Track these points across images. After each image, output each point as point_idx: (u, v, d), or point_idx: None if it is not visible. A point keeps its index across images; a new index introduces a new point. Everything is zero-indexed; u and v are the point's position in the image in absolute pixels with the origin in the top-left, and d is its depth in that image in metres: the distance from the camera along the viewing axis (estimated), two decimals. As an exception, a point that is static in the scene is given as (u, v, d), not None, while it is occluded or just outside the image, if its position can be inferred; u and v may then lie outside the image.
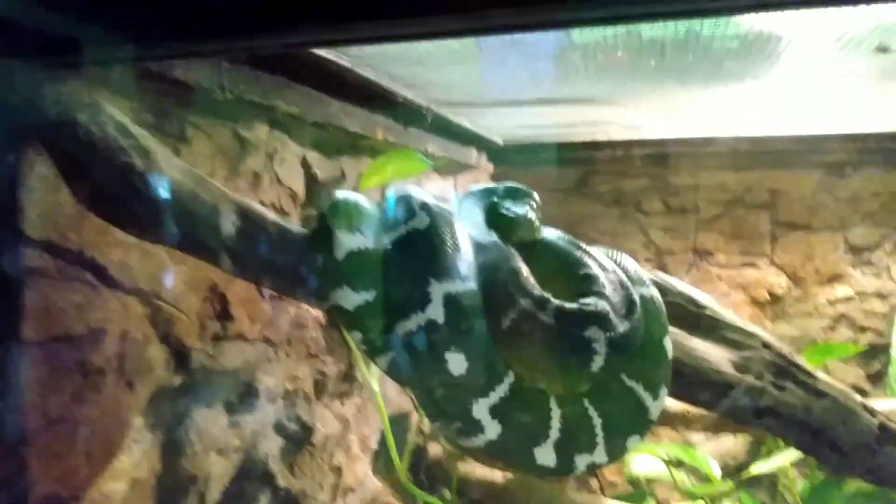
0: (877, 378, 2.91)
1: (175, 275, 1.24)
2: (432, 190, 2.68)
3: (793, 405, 1.16)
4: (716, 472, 2.54)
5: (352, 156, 1.96)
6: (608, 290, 0.94)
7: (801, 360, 1.23)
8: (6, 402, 0.90)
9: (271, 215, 0.97)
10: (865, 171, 2.88)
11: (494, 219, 1.04)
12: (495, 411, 0.87)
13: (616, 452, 0.95)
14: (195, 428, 1.42)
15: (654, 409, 0.98)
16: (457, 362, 0.86)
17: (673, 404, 1.42)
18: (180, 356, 1.30)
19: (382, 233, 0.95)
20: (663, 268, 3.17)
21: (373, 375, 1.86)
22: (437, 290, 0.87)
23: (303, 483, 1.81)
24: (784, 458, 2.27)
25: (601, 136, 2.95)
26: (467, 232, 1.00)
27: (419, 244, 0.90)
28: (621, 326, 0.89)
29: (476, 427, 0.87)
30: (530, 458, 0.90)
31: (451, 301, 0.87)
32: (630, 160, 3.10)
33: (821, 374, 1.23)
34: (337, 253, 0.91)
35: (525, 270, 0.94)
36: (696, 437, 3.08)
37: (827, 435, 1.18)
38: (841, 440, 1.19)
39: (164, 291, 1.23)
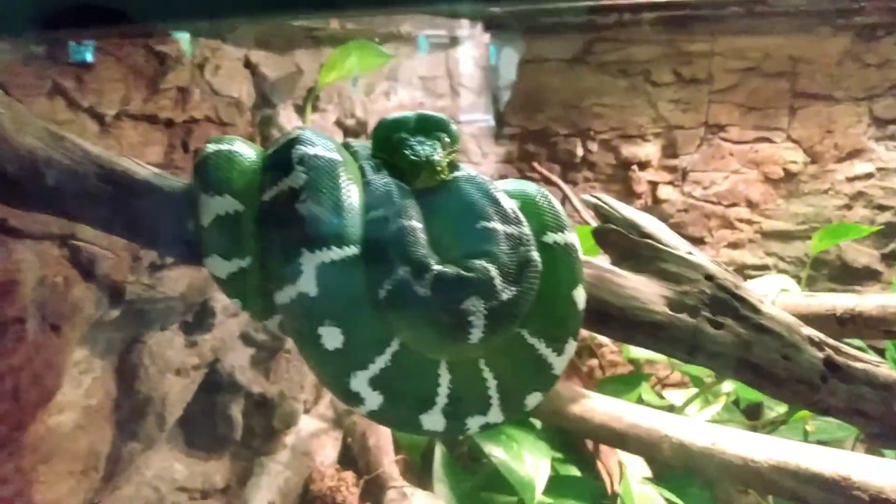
0: (891, 258, 2.79)
1: (91, 213, 1.20)
2: (421, 71, 2.52)
3: (730, 343, 1.10)
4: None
5: (308, 48, 1.82)
6: (502, 250, 0.86)
7: (747, 293, 1.15)
8: None
9: (143, 172, 0.90)
10: (899, 33, 2.59)
11: (396, 162, 0.95)
12: (376, 383, 0.84)
13: (513, 411, 0.92)
14: (148, 352, 1.44)
15: (559, 364, 0.94)
16: (331, 336, 0.82)
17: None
18: (113, 291, 1.29)
19: (260, 190, 0.88)
20: (672, 144, 3.00)
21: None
22: (310, 261, 0.81)
23: (280, 386, 1.86)
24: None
25: None
26: (361, 180, 0.92)
27: (292, 207, 0.83)
28: (506, 294, 0.83)
29: (356, 399, 0.85)
30: (416, 424, 0.87)
31: (324, 272, 0.81)
32: (639, 25, 2.84)
33: (769, 307, 1.15)
34: (203, 218, 0.85)
35: (414, 227, 0.87)
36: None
37: (766, 371, 1.13)
38: (783, 376, 1.13)
39: (82, 231, 1.20)
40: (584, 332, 3.10)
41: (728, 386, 2.52)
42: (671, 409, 2.41)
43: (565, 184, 2.89)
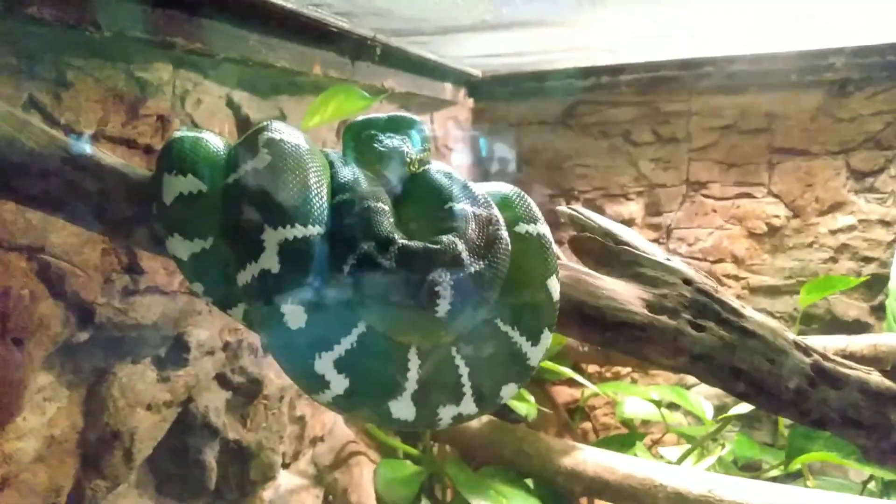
0: (880, 310, 2.77)
1: (63, 228, 1.18)
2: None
3: (713, 346, 1.07)
4: (708, 413, 2.48)
5: (292, 94, 1.86)
6: (471, 227, 0.85)
7: (727, 297, 1.13)
8: None
9: (109, 159, 0.89)
10: (868, 88, 2.67)
11: (366, 153, 0.95)
12: (341, 365, 0.80)
13: (488, 403, 0.88)
14: (118, 384, 1.39)
15: (534, 356, 0.90)
16: (295, 315, 0.79)
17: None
18: (82, 312, 1.26)
19: (226, 174, 0.87)
20: (655, 202, 3.04)
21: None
22: (272, 237, 0.80)
23: (258, 435, 1.79)
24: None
25: (584, 63, 2.79)
26: (331, 169, 0.91)
27: (254, 186, 0.83)
28: (473, 267, 0.81)
29: (321, 383, 0.81)
30: (385, 412, 0.83)
31: (286, 249, 0.80)
32: (618, 88, 2.93)
33: (751, 311, 1.13)
34: (165, 197, 0.83)
35: (381, 210, 0.85)
36: (692, 378, 3.01)
37: (753, 377, 1.09)
38: (769, 382, 1.09)
39: (52, 246, 1.18)
40: (576, 393, 3.03)
41: (724, 446, 2.46)
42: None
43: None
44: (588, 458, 2.05)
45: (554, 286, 0.94)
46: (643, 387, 2.74)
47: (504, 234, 0.87)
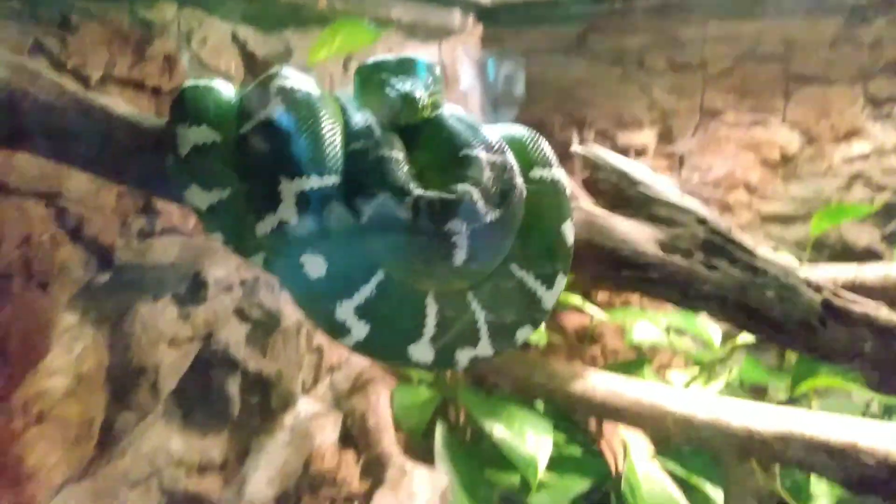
0: (892, 239, 2.77)
1: (78, 174, 1.19)
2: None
3: (725, 285, 1.09)
4: (716, 339, 2.51)
5: (297, 28, 1.82)
6: (486, 175, 0.85)
7: (740, 236, 1.13)
8: None
9: (121, 109, 0.89)
10: (891, 13, 2.58)
11: (377, 99, 0.94)
12: (361, 311, 0.83)
13: (503, 345, 0.90)
14: (140, 322, 1.43)
15: (548, 299, 0.92)
16: (314, 265, 0.81)
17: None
18: (102, 254, 1.28)
19: (238, 123, 0.87)
20: (668, 131, 2.99)
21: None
22: (288, 189, 0.80)
23: (277, 364, 1.84)
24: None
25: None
26: (344, 116, 0.91)
27: (270, 136, 0.83)
28: (489, 216, 0.82)
29: (342, 329, 0.83)
30: (404, 355, 0.86)
31: (304, 199, 0.80)
32: (631, 13, 2.85)
33: (763, 250, 1.14)
34: (181, 149, 0.84)
35: (395, 157, 0.86)
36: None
37: (763, 315, 1.11)
38: (779, 319, 1.11)
39: (69, 192, 1.19)
40: (585, 320, 3.06)
41: (732, 369, 2.51)
42: (674, 390, 2.37)
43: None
44: (597, 383, 2.11)
45: (568, 231, 0.95)
46: (652, 312, 2.78)
47: (519, 181, 0.88)
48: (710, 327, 2.58)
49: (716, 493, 2.16)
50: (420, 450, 2.07)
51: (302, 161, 0.81)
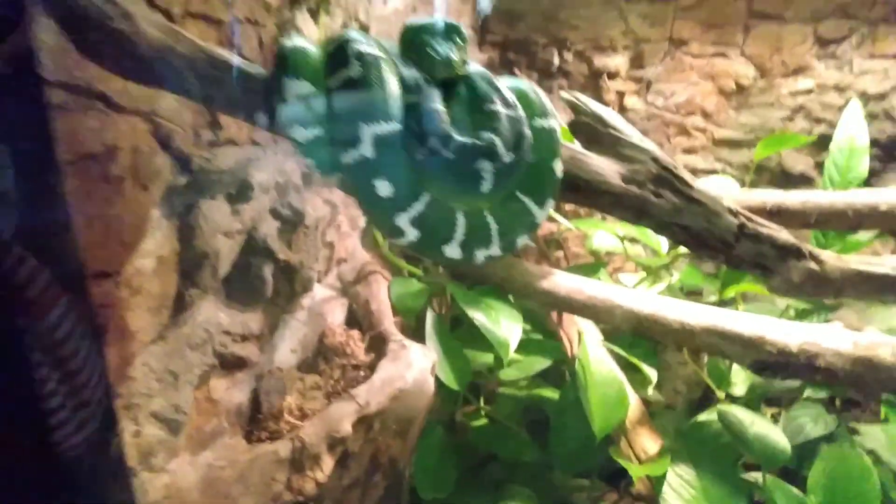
0: (822, 167, 3.18)
1: (167, 95, 1.49)
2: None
3: (666, 210, 1.47)
4: (664, 247, 2.93)
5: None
6: (504, 126, 1.19)
7: (683, 172, 1.50)
8: (58, 209, 1.22)
9: (237, 60, 1.20)
10: (846, -40, 2.88)
11: (421, 59, 1.26)
12: (414, 221, 1.18)
13: (508, 247, 1.27)
14: (202, 215, 1.76)
15: (540, 216, 1.29)
16: (383, 187, 1.15)
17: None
18: (182, 161, 1.59)
19: (325, 78, 1.18)
20: (639, 56, 3.30)
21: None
22: (367, 132, 1.13)
23: (300, 256, 2.20)
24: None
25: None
26: (399, 73, 1.23)
27: (352, 91, 1.14)
28: (507, 158, 1.17)
29: (399, 232, 1.19)
30: (441, 253, 1.22)
31: (378, 140, 1.14)
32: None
33: (699, 184, 1.52)
34: (285, 95, 1.15)
35: (440, 109, 1.19)
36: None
37: (694, 232, 1.50)
38: (705, 236, 1.51)
39: (161, 110, 1.48)
40: (553, 228, 3.46)
41: (674, 274, 2.95)
42: (625, 287, 2.80)
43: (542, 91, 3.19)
44: (560, 282, 2.51)
45: (558, 166, 1.30)
46: (611, 223, 3.19)
47: (527, 131, 1.22)
48: (659, 238, 3.01)
49: (652, 374, 2.63)
50: (413, 331, 2.49)
51: (376, 110, 1.14)
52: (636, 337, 2.53)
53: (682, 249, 2.71)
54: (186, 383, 1.72)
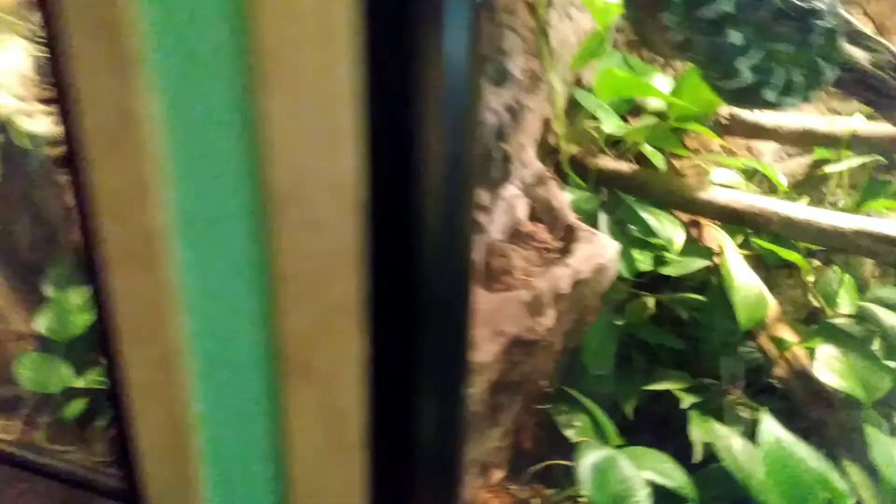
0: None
1: None
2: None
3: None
4: (782, 181, 3.26)
5: None
6: (826, -1, 1.53)
7: None
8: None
9: None
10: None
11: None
12: (753, 68, 1.52)
13: (805, 99, 1.60)
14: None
15: (829, 77, 1.63)
16: (735, 37, 1.49)
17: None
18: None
19: None
20: None
21: (555, 75, 2.49)
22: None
23: (510, 146, 2.54)
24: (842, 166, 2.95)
25: None
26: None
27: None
28: (830, 22, 1.51)
29: (737, 73, 1.53)
30: (760, 96, 1.56)
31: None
32: None
33: None
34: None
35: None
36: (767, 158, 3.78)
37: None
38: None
39: None
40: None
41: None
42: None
43: None
44: (718, 193, 2.85)
45: (842, 40, 1.64)
46: (729, 159, 3.51)
47: (838, 3, 1.56)
48: (777, 173, 3.33)
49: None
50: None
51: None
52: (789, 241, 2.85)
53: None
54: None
